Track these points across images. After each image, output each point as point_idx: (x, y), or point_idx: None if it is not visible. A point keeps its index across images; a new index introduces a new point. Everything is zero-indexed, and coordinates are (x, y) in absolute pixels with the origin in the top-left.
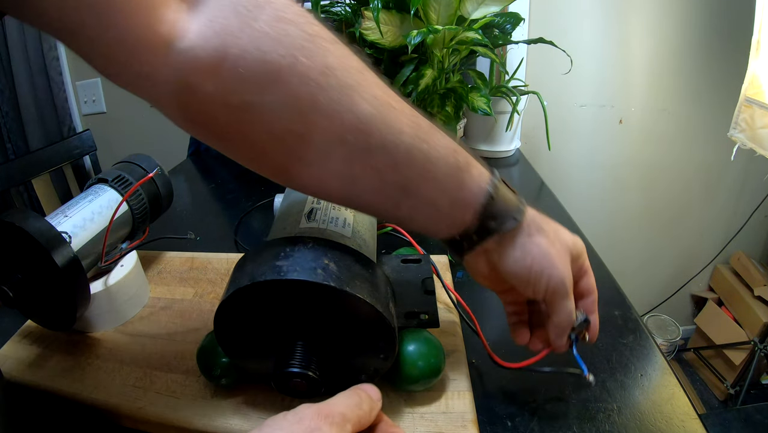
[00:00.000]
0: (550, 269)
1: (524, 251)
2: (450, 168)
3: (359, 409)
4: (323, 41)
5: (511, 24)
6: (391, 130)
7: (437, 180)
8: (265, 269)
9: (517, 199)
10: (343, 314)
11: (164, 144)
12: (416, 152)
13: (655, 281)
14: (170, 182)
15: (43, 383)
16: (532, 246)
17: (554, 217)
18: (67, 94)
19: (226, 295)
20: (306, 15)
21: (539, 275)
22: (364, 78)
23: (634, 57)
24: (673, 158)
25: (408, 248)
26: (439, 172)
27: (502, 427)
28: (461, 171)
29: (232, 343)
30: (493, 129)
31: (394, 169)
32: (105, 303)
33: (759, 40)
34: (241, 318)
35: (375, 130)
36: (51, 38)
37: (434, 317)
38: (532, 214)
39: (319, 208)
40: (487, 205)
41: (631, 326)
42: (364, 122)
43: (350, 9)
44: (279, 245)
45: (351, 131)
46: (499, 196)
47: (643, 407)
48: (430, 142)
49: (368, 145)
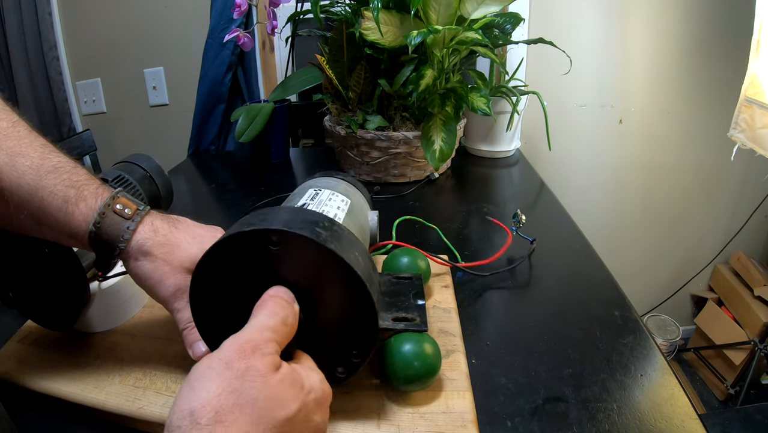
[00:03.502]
0: (155, 287)
1: (134, 272)
2: (61, 203)
3: (284, 325)
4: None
5: (511, 24)
6: (16, 175)
7: (52, 215)
8: (245, 224)
9: (122, 228)
10: (323, 276)
11: (164, 144)
12: (35, 191)
13: (655, 281)
14: (170, 182)
15: (43, 383)
16: (137, 269)
17: (554, 217)
18: (67, 94)
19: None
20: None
21: (149, 290)
22: (6, 135)
23: (634, 57)
24: (673, 158)
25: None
26: (52, 207)
27: (502, 427)
28: (69, 205)
29: (206, 311)
30: (493, 129)
31: (18, 207)
32: (105, 303)
33: (759, 40)
34: (217, 281)
35: (5, 177)
36: (51, 38)
37: (423, 321)
38: (141, 239)
39: (311, 204)
40: (91, 237)
41: (631, 326)
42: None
43: (350, 9)
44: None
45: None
46: (103, 228)
47: (643, 407)
48: (46, 179)
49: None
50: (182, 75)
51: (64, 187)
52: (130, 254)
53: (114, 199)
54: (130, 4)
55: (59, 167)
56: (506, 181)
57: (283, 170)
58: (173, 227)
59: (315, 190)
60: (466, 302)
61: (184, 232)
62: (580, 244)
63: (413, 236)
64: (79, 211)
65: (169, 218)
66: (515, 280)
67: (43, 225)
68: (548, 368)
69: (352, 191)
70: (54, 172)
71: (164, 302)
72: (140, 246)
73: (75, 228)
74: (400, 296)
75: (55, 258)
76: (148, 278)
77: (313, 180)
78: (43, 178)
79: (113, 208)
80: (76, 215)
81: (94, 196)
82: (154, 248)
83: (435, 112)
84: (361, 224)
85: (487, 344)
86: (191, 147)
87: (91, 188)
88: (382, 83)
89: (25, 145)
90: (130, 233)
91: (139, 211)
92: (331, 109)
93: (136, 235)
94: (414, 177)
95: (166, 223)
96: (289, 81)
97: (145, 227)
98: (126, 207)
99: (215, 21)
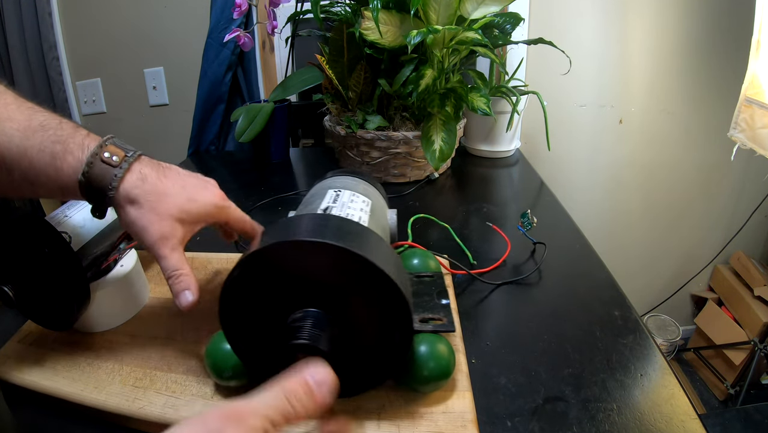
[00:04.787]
0: (140, 234)
1: (123, 219)
2: (49, 159)
3: (285, 405)
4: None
5: (511, 24)
6: (6, 139)
7: (43, 172)
8: (276, 235)
9: (110, 176)
10: (357, 286)
11: (164, 144)
12: (24, 151)
13: (655, 281)
14: None
15: (43, 383)
16: (124, 215)
17: (554, 217)
18: (67, 94)
19: (238, 263)
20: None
21: (136, 236)
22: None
23: (634, 57)
24: (673, 158)
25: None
26: (41, 164)
27: (502, 427)
28: (57, 160)
29: (238, 326)
30: (493, 129)
31: (10, 170)
32: (105, 303)
33: (759, 40)
34: (249, 292)
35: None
36: (51, 38)
37: (450, 321)
38: (129, 186)
39: (335, 207)
40: (81, 188)
41: (631, 326)
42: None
43: (350, 9)
44: (294, 219)
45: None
46: (92, 178)
47: (643, 407)
48: (33, 138)
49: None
50: (182, 75)
51: (50, 143)
52: (119, 201)
53: (102, 148)
54: (130, 4)
55: (45, 124)
56: (506, 181)
57: (283, 170)
58: (162, 175)
59: (335, 192)
60: (465, 302)
61: (172, 180)
62: (580, 244)
63: (416, 235)
64: (67, 164)
65: (158, 166)
66: (515, 279)
67: (36, 184)
68: (548, 368)
69: (371, 191)
70: (40, 130)
71: (150, 248)
72: (128, 194)
73: (65, 181)
74: (424, 295)
75: (55, 258)
76: (134, 224)
77: (330, 180)
78: (30, 138)
79: (101, 157)
80: (65, 169)
81: (80, 148)
82: (141, 196)
83: (435, 112)
84: (383, 224)
85: (487, 344)
86: (191, 147)
87: (77, 139)
88: (382, 83)
89: (12, 111)
90: (118, 181)
91: (127, 158)
92: (331, 109)
93: (123, 183)
94: (414, 177)
95: (154, 170)
96: (289, 81)
97: (133, 175)
98: (114, 155)
99: (215, 21)
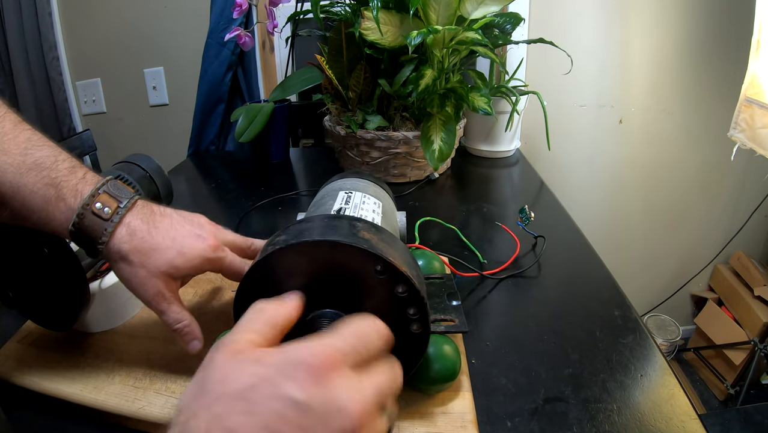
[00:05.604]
0: (135, 291)
1: (116, 274)
2: (41, 203)
3: (267, 319)
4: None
5: (511, 24)
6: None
7: (35, 213)
8: (293, 235)
9: (101, 230)
10: (375, 286)
11: (164, 144)
12: (16, 189)
13: (655, 281)
14: (170, 182)
15: (43, 383)
16: (117, 272)
17: (554, 217)
18: (67, 94)
19: (255, 261)
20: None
21: (132, 292)
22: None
23: (634, 57)
24: (673, 158)
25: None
26: (33, 206)
27: (502, 427)
28: (49, 205)
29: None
30: (493, 129)
31: (2, 204)
32: (105, 303)
33: (759, 40)
34: (264, 293)
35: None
36: (51, 38)
37: (462, 322)
38: (118, 242)
39: (347, 208)
40: (72, 236)
41: (631, 326)
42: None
43: (350, 9)
44: (308, 219)
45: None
46: (82, 229)
47: (643, 407)
48: (27, 177)
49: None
50: (182, 75)
51: (43, 185)
52: (109, 256)
53: (93, 198)
54: (130, 4)
55: (39, 163)
56: (506, 181)
57: (283, 170)
58: (152, 227)
59: (346, 193)
60: (465, 302)
61: (162, 233)
62: (580, 244)
63: (419, 236)
64: (59, 211)
65: (151, 216)
66: (515, 280)
67: (28, 222)
68: (548, 368)
69: (381, 193)
70: (34, 169)
71: (147, 305)
72: (118, 250)
73: (57, 228)
74: (434, 297)
75: (55, 258)
76: (127, 281)
77: (340, 181)
78: (24, 176)
79: (92, 209)
80: (57, 216)
81: (73, 195)
82: (131, 253)
83: (435, 113)
84: (393, 225)
85: (487, 344)
86: (191, 147)
87: (71, 184)
88: (382, 83)
89: (7, 141)
90: (108, 235)
91: (120, 210)
92: (331, 109)
93: (113, 238)
94: (414, 177)
95: (145, 223)
96: (289, 81)
97: (122, 230)
98: (106, 206)
99: (215, 21)
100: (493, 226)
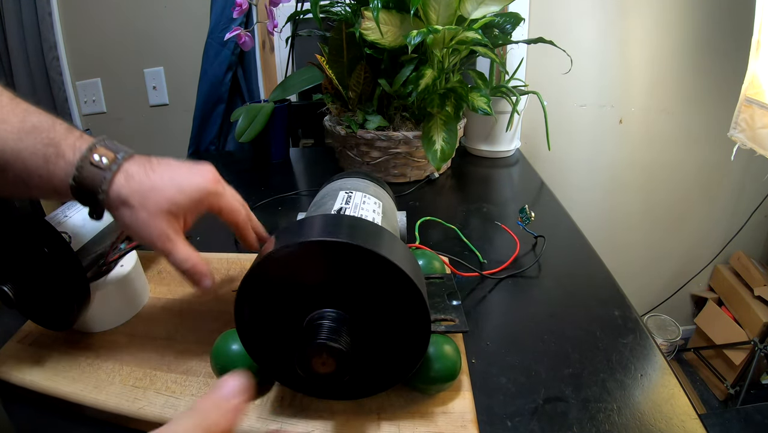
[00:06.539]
0: (137, 234)
1: (118, 222)
2: (42, 162)
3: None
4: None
5: (511, 24)
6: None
7: (36, 174)
8: (294, 235)
9: (100, 179)
10: (376, 285)
11: (164, 144)
12: (17, 154)
13: (655, 281)
14: None
15: (43, 383)
16: (119, 218)
17: (554, 217)
18: (67, 94)
19: (254, 264)
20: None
21: (135, 237)
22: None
23: (634, 57)
24: (673, 158)
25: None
26: (34, 167)
27: (502, 427)
28: (49, 163)
29: (253, 327)
30: (493, 129)
31: (5, 171)
32: (105, 303)
33: (759, 40)
34: (265, 293)
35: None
36: (51, 38)
37: (462, 322)
38: (117, 188)
39: (348, 208)
40: (73, 190)
41: (631, 326)
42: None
43: (350, 9)
44: (309, 219)
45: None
46: (83, 181)
47: (643, 407)
48: (26, 140)
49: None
50: (182, 75)
51: (42, 146)
52: (111, 204)
53: (91, 150)
54: (130, 4)
55: (38, 126)
56: (506, 181)
57: (283, 170)
58: (149, 170)
59: (347, 193)
60: (465, 302)
61: (160, 173)
62: (580, 244)
63: (419, 236)
64: (59, 167)
65: (146, 162)
66: (515, 279)
67: (30, 186)
68: (548, 368)
69: (381, 193)
70: (33, 132)
71: (151, 247)
72: (118, 195)
73: (58, 185)
74: (435, 297)
75: (55, 258)
76: (129, 226)
77: (340, 181)
78: (24, 139)
79: (90, 160)
80: (57, 172)
81: (71, 151)
82: (130, 196)
83: (435, 112)
84: (394, 225)
85: (487, 344)
86: (191, 147)
87: (69, 142)
88: (382, 83)
89: (6, 113)
90: (108, 183)
91: (117, 160)
92: (331, 109)
93: (113, 185)
94: (414, 177)
95: (142, 167)
96: (289, 81)
97: (121, 176)
98: (103, 156)
99: (215, 21)
100: (493, 226)
